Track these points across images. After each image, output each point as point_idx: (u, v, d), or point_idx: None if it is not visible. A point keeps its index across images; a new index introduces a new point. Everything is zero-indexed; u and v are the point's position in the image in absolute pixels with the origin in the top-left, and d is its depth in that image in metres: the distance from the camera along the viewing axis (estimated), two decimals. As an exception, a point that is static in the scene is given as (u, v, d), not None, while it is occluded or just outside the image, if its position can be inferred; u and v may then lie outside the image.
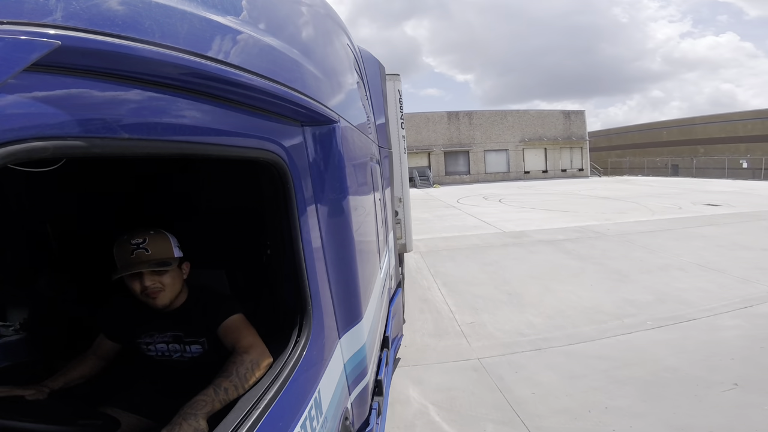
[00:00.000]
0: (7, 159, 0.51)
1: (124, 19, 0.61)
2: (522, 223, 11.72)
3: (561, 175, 36.78)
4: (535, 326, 4.74)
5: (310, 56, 1.33)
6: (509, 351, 4.18)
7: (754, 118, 31.93)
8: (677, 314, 4.81)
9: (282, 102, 1.08)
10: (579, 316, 4.94)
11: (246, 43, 0.92)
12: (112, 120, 0.64)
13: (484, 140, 35.78)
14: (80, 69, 0.59)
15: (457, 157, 35.82)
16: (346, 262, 1.57)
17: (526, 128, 36.38)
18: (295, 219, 1.20)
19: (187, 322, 1.40)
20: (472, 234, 10.51)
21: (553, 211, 14.19)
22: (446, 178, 34.88)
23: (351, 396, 1.65)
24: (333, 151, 1.46)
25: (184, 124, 0.80)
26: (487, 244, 9.26)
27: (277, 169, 1.13)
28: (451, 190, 26.74)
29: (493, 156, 36.05)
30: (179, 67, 0.71)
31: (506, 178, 35.71)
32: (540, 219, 12.48)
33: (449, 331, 4.76)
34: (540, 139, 36.38)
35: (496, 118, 36.13)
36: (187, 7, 0.75)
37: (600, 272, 6.65)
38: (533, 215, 13.45)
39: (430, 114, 35.47)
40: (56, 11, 0.53)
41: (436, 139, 35.22)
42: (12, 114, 0.51)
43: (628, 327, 4.55)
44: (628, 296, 5.51)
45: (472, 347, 4.34)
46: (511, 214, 13.87)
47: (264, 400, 1.03)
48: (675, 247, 8.03)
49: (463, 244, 9.27)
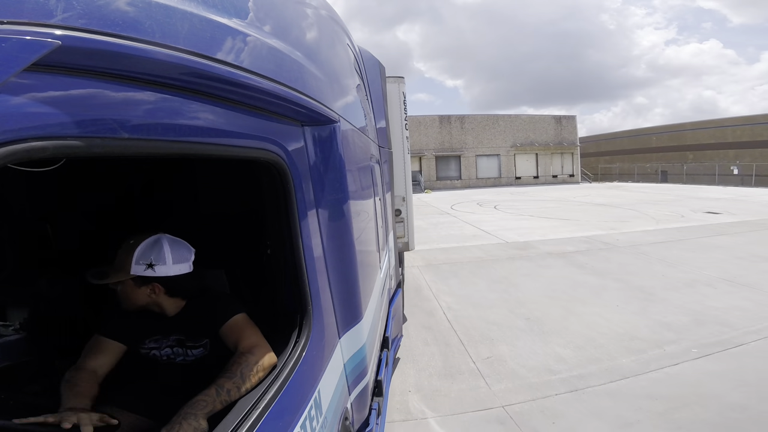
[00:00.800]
0: (7, 159, 0.51)
1: (125, 19, 0.61)
2: (524, 233, 11.15)
3: (552, 181, 36.31)
4: (566, 360, 4.02)
5: (310, 56, 1.33)
6: (540, 394, 3.44)
7: (743, 124, 32.03)
8: (722, 339, 4.30)
9: (282, 102, 1.08)
10: (613, 344, 4.31)
11: (246, 43, 0.92)
12: (112, 120, 0.64)
13: (475, 145, 35.31)
14: (80, 69, 0.59)
15: (449, 162, 35.29)
16: (346, 261, 1.57)
17: (517, 133, 36.01)
18: (295, 219, 1.20)
19: (188, 325, 1.40)
20: (473, 245, 9.84)
21: (553, 219, 13.72)
22: (437, 183, 34.38)
23: (351, 396, 1.65)
24: (333, 151, 1.46)
25: (184, 124, 0.80)
26: (492, 256, 8.52)
27: (277, 169, 1.13)
28: (444, 196, 25.88)
29: (484, 161, 35.61)
30: (179, 67, 0.71)
31: (497, 183, 35.34)
32: (542, 228, 11.93)
33: (462, 369, 3.97)
34: (531, 144, 35.98)
35: (487, 123, 35.65)
36: (187, 6, 0.75)
37: (623, 290, 6.02)
38: (534, 223, 12.90)
39: (422, 117, 34.69)
40: (57, 11, 0.53)
41: (427, 143, 34.56)
42: (12, 114, 0.51)
43: (672, 356, 3.98)
44: (662, 318, 4.90)
45: (493, 391, 3.54)
46: (510, 222, 13.35)
47: (264, 400, 1.03)
48: (694, 259, 7.57)
49: (465, 257, 8.58)
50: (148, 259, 1.30)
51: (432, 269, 7.70)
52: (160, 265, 1.31)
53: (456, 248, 9.54)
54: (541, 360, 4.06)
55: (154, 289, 1.35)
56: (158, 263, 1.30)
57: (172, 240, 1.36)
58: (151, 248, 1.31)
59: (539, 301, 5.71)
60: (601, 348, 4.25)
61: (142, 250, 1.30)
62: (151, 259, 1.30)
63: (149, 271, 1.30)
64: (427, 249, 9.45)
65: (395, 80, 4.97)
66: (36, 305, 1.90)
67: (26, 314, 1.88)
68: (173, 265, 1.33)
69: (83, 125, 0.60)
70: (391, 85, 4.78)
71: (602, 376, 3.68)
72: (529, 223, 13.17)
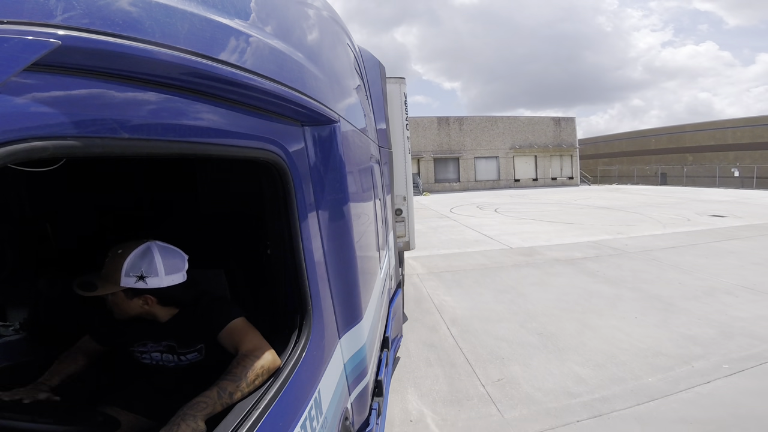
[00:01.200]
0: (7, 159, 0.51)
1: (125, 19, 0.61)
2: (528, 237, 10.70)
3: (551, 183, 35.84)
4: (586, 380, 3.59)
5: (310, 56, 1.33)
6: (560, 422, 3.03)
7: (744, 126, 31.96)
8: (754, 353, 3.97)
9: (282, 102, 1.08)
10: (636, 361, 3.90)
11: (247, 43, 0.92)
12: (112, 120, 0.64)
13: (474, 147, 34.85)
14: (81, 69, 0.59)
15: (447, 164, 34.76)
16: (346, 262, 1.56)
17: (516, 135, 35.53)
18: (295, 219, 1.20)
19: (181, 332, 1.36)
20: (475, 251, 9.28)
21: (556, 222, 13.27)
22: (436, 185, 33.86)
23: (351, 396, 1.65)
24: (333, 151, 1.47)
25: (184, 124, 0.80)
26: (496, 263, 8.00)
27: (277, 169, 1.13)
28: (442, 198, 25.15)
29: (483, 163, 35.11)
30: (179, 67, 0.71)
31: (496, 186, 34.96)
32: (546, 232, 11.42)
33: (470, 394, 3.50)
34: (530, 146, 35.51)
35: (486, 124, 35.14)
36: (188, 6, 0.75)
37: (639, 300, 5.60)
38: (537, 228, 12.34)
39: (420, 119, 34.06)
40: (57, 11, 0.53)
41: (426, 145, 34.05)
42: (12, 114, 0.51)
43: (703, 374, 3.60)
44: (685, 331, 4.52)
45: (506, 419, 3.10)
46: (513, 227, 12.77)
47: (264, 400, 1.03)
48: (708, 265, 7.21)
49: (467, 264, 8.06)
50: (138, 270, 1.22)
51: (433, 278, 7.21)
52: (151, 277, 1.23)
53: (458, 254, 9.06)
54: (559, 381, 3.63)
55: (146, 300, 1.29)
56: (150, 275, 1.23)
57: (162, 248, 1.27)
58: (141, 258, 1.23)
59: (551, 313, 5.28)
60: (624, 366, 3.84)
61: (131, 261, 1.22)
62: (141, 271, 1.22)
63: (140, 284, 1.22)
64: (427, 255, 8.97)
65: (396, 81, 5.04)
66: (36, 305, 1.90)
67: (26, 314, 1.88)
68: (166, 277, 1.25)
69: (83, 125, 0.60)
70: (392, 86, 4.85)
71: (628, 399, 3.30)
72: (532, 227, 12.63)
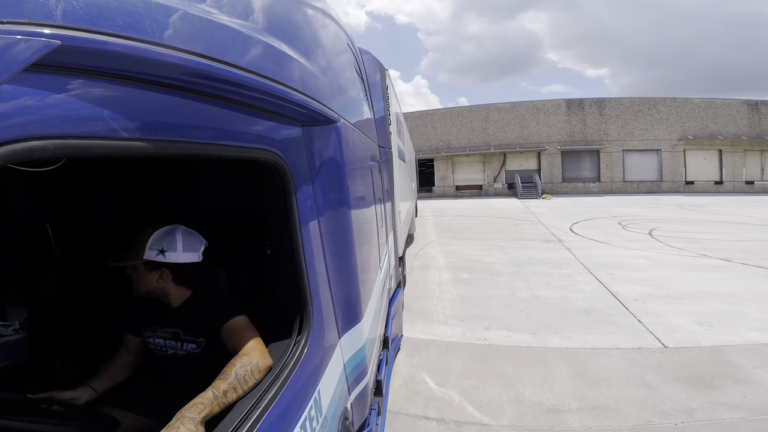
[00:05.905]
0: (7, 159, 0.51)
1: (125, 19, 0.61)
2: (712, 311, 4.81)
3: (744, 189, 25.48)
4: None
5: (310, 56, 1.33)
6: None
7: None
8: None
9: (282, 102, 1.08)
10: None
11: (246, 43, 0.92)
12: (112, 120, 0.64)
13: (622, 136, 26.46)
14: (80, 69, 0.59)
15: (581, 159, 26.95)
16: (346, 262, 1.57)
17: (687, 122, 26.14)
18: (295, 219, 1.20)
19: (188, 320, 1.43)
20: (577, 346, 3.99)
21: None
22: (563, 186, 26.87)
23: (351, 396, 1.65)
24: (333, 152, 1.47)
25: (184, 124, 0.80)
26: (631, 403, 2.94)
27: (277, 168, 1.13)
28: (567, 205, 18.53)
29: (635, 158, 26.43)
30: (179, 67, 0.71)
31: (656, 189, 26.11)
32: (753, 296, 5.28)
33: None
34: (711, 137, 25.86)
35: (640, 108, 26.30)
36: (187, 7, 0.75)
37: None
38: (737, 284, 5.85)
39: (541, 103, 27.21)
40: (56, 11, 0.53)
41: (549, 134, 26.90)
42: (12, 114, 0.51)
43: None
44: None
45: None
46: (679, 275, 6.39)
47: (264, 401, 1.03)
48: None
49: (558, 401, 3.01)
50: (160, 245, 1.37)
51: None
52: (171, 251, 1.38)
53: (529, 358, 3.74)
54: None
55: (162, 275, 1.41)
56: (169, 250, 1.38)
57: (186, 231, 1.43)
58: (165, 236, 1.39)
59: None
60: None
61: (156, 237, 1.38)
62: (163, 245, 1.37)
63: (160, 257, 1.37)
64: (472, 355, 3.86)
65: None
66: (36, 305, 1.90)
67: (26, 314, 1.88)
68: (183, 253, 1.39)
69: (83, 125, 0.60)
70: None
71: None
72: (725, 282, 5.96)
